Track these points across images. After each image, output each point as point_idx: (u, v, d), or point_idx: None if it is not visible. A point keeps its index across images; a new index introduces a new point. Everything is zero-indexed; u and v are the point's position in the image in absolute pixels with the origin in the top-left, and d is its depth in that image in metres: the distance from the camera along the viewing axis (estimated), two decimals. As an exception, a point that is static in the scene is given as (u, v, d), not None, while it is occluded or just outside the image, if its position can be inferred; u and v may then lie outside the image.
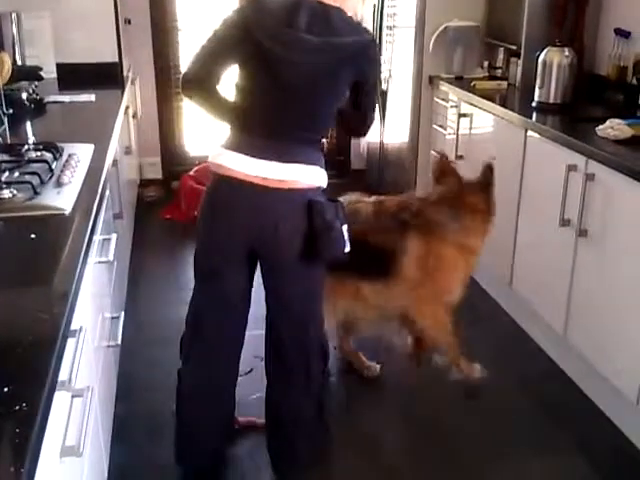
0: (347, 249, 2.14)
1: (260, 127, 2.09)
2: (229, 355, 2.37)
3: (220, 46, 2.10)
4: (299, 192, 2.08)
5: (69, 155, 2.42)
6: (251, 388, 2.73)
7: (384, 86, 4.84)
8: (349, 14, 2.12)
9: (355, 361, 3.06)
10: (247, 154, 2.06)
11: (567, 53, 3.33)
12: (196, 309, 2.32)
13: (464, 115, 3.82)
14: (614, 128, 2.79)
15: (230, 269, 2.21)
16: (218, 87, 2.15)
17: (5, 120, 2.76)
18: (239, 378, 2.44)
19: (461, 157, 3.87)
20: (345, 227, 2.13)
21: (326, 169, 2.19)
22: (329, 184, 2.24)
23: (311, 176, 2.11)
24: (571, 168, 2.80)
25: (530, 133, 3.16)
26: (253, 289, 2.33)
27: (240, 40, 2.05)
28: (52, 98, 3.57)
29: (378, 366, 3.05)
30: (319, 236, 2.08)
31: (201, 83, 2.13)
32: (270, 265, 2.20)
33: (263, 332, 2.34)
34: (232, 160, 2.08)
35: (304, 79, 2.04)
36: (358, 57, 2.08)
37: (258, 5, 2.07)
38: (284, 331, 2.29)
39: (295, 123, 2.09)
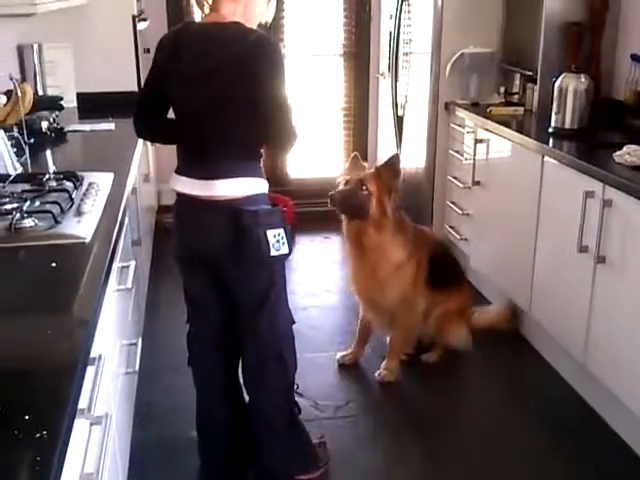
0: (278, 252, 2.24)
1: (189, 151, 2.31)
2: (215, 358, 2.52)
3: (148, 90, 2.37)
4: (225, 203, 2.21)
5: (89, 184, 2.45)
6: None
7: (400, 112, 4.87)
8: (256, 22, 2.27)
9: None
10: (185, 175, 2.28)
11: (583, 79, 3.33)
12: (187, 314, 2.52)
13: (480, 141, 3.83)
14: (631, 154, 2.79)
15: (194, 277, 2.42)
16: (164, 119, 2.39)
17: (26, 149, 2.80)
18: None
19: (478, 183, 3.87)
20: (273, 232, 2.22)
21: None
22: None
23: (236, 188, 2.22)
24: (588, 194, 2.79)
25: (547, 159, 3.16)
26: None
27: (156, 82, 2.30)
28: (72, 127, 3.61)
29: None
30: (240, 240, 2.21)
31: (145, 126, 2.42)
32: (216, 270, 2.33)
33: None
34: (176, 182, 2.31)
35: (200, 106, 2.19)
36: (246, 63, 2.13)
37: (160, 43, 2.29)
38: (240, 335, 2.43)
39: (210, 144, 2.23)
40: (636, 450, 2.71)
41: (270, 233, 2.22)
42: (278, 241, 2.24)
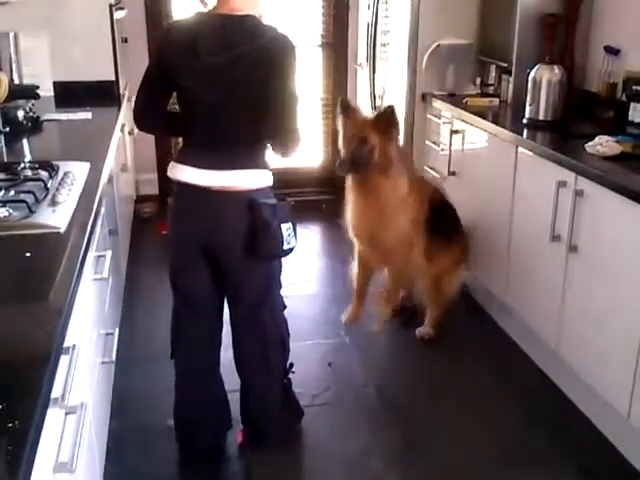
0: (289, 245, 2.30)
1: (199, 141, 2.30)
2: (203, 349, 2.55)
3: (151, 84, 2.33)
4: (239, 194, 2.24)
5: (65, 173, 2.44)
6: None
7: (378, 103, 4.89)
8: (264, 9, 2.30)
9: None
10: (192, 165, 2.26)
11: (557, 70, 3.37)
12: (174, 306, 2.52)
13: (456, 132, 3.85)
14: (603, 145, 2.83)
15: (191, 267, 2.39)
16: (166, 111, 2.38)
17: (1, 138, 2.79)
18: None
19: (454, 173, 3.90)
20: (286, 225, 2.27)
21: (319, 185, 2.25)
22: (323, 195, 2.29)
23: (250, 179, 2.26)
24: (561, 184, 2.83)
25: (521, 149, 3.20)
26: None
27: (161, 75, 2.25)
28: (49, 116, 3.59)
29: None
30: (256, 234, 2.24)
31: (149, 120, 2.41)
32: (220, 261, 2.35)
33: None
34: (181, 171, 2.29)
35: (218, 100, 2.18)
36: (265, 57, 2.16)
37: (168, 35, 2.27)
38: (240, 325, 2.48)
39: (226, 135, 2.25)
40: (605, 433, 2.76)
41: (284, 227, 2.27)
42: (290, 235, 2.29)
